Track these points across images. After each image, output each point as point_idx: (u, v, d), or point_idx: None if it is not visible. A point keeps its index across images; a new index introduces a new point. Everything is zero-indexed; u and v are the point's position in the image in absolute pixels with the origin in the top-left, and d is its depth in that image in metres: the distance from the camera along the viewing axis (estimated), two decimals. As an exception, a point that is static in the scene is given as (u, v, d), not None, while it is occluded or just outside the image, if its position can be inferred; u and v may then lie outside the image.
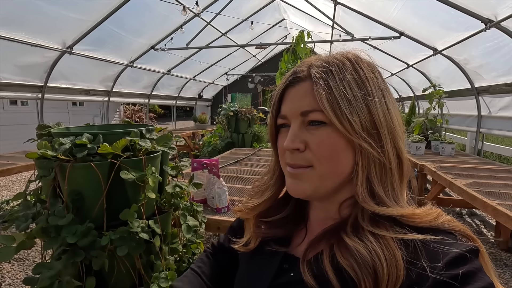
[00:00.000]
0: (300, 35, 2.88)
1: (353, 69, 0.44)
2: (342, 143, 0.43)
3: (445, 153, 3.28)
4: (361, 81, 0.43)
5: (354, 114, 0.42)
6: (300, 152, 0.45)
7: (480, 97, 3.57)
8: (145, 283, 1.00)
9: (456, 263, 0.35)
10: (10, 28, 3.11)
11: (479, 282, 0.34)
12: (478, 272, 0.35)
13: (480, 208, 1.83)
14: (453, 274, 0.34)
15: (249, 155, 3.14)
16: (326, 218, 0.49)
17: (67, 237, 0.84)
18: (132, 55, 4.94)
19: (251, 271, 0.54)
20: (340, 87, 0.42)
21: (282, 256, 0.50)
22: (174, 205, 1.13)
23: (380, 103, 0.44)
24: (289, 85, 0.47)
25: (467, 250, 0.37)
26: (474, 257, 0.37)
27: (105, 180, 0.90)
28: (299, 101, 0.45)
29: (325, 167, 0.43)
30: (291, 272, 0.48)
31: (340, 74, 0.43)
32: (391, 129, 0.44)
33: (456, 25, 3.07)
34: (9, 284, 2.21)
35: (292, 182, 0.47)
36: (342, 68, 0.44)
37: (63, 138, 0.89)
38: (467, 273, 0.34)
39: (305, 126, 0.45)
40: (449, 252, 0.36)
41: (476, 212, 3.58)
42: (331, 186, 0.45)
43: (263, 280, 0.49)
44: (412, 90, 5.74)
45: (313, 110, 0.43)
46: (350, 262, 0.39)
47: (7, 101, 7.02)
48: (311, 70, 0.44)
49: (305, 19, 6.23)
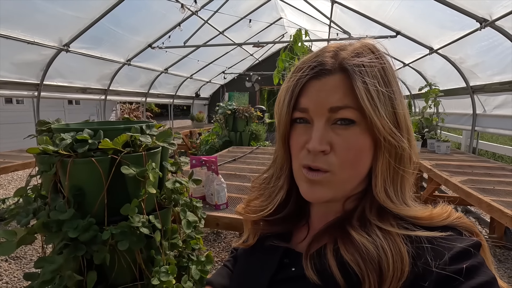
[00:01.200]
0: (297, 34, 2.89)
1: (380, 65, 0.42)
2: (368, 144, 0.41)
3: (440, 151, 3.32)
4: (387, 78, 0.42)
5: (387, 112, 0.40)
6: (324, 155, 0.41)
7: (475, 96, 3.61)
8: (145, 277, 1.01)
9: (460, 258, 0.35)
10: (6, 26, 3.09)
11: (483, 276, 0.34)
12: (481, 266, 0.35)
13: (475, 204, 1.86)
14: (457, 269, 0.34)
15: (247, 153, 3.15)
16: (328, 213, 0.48)
17: (69, 232, 0.84)
18: (129, 53, 4.91)
19: (250, 267, 0.53)
20: (375, 83, 0.40)
21: (283, 251, 0.49)
22: (174, 200, 1.14)
23: (401, 102, 0.42)
24: (314, 77, 0.42)
25: (471, 244, 0.37)
26: (477, 252, 0.37)
27: (106, 175, 0.91)
28: (326, 96, 0.41)
29: (346, 173, 0.42)
30: (293, 267, 0.46)
31: (372, 69, 0.41)
32: (408, 129, 0.43)
33: (452, 24, 3.10)
34: (6, 282, 2.21)
35: (310, 187, 0.43)
36: (372, 63, 0.41)
37: (64, 134, 0.89)
38: (470, 267, 0.34)
39: (330, 124, 0.42)
40: (453, 247, 0.36)
41: (471, 209, 3.62)
42: (350, 189, 0.44)
43: (263, 275, 0.48)
44: (408, 89, 5.79)
45: (344, 107, 0.40)
46: (355, 257, 0.38)
47: (2, 99, 6.96)
48: (344, 63, 0.41)
49: (302, 18, 6.24)
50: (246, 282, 0.52)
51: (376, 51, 0.43)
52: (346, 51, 0.43)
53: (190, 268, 1.15)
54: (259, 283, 0.48)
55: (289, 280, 0.45)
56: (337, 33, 5.03)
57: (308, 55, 0.46)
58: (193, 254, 1.22)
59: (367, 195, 0.44)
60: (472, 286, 0.33)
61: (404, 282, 0.36)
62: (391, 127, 0.40)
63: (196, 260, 1.19)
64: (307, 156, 0.43)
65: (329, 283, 0.39)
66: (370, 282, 0.36)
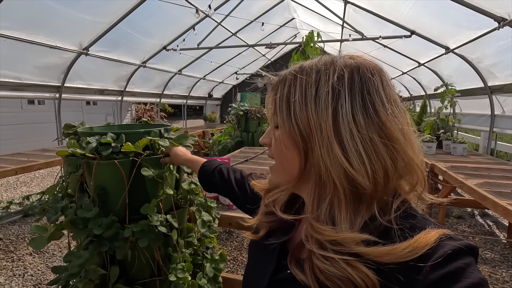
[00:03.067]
0: (309, 36, 2.90)
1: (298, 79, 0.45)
2: (289, 143, 0.45)
3: (456, 152, 3.25)
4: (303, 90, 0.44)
5: (294, 119, 0.44)
6: (270, 147, 0.51)
7: (494, 96, 3.52)
8: (163, 273, 1.07)
9: (446, 261, 0.34)
10: (30, 31, 3.25)
11: (469, 278, 0.33)
12: (468, 267, 0.34)
13: (490, 208, 1.83)
14: (440, 274, 0.33)
15: (259, 153, 3.19)
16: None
17: (94, 229, 0.91)
18: (144, 55, 5.05)
19: (256, 264, 0.56)
20: (282, 96, 0.46)
21: (279, 251, 0.50)
22: (189, 201, 1.19)
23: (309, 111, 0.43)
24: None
25: (456, 247, 0.35)
26: (465, 254, 0.36)
27: (127, 176, 0.97)
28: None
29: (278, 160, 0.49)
30: (288, 269, 0.47)
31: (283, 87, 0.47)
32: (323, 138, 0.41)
33: (468, 23, 3.04)
34: (31, 275, 2.33)
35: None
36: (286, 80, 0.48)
37: (90, 137, 0.96)
38: (455, 271, 0.33)
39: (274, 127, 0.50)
40: (437, 252, 0.35)
41: (488, 212, 3.53)
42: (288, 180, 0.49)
43: (264, 275, 0.51)
44: (424, 89, 5.67)
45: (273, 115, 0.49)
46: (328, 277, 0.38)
47: (25, 100, 7.28)
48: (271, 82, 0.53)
49: (315, 18, 6.22)
50: (251, 279, 0.57)
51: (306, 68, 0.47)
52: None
53: (204, 265, 1.20)
54: (261, 282, 0.51)
55: (285, 282, 0.48)
56: (350, 33, 4.99)
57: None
58: (207, 252, 1.27)
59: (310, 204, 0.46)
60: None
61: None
62: (294, 133, 0.44)
63: (210, 258, 1.24)
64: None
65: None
66: None
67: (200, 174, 0.92)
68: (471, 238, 2.95)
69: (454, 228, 3.18)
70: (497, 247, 2.75)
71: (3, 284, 2.22)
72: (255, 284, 0.53)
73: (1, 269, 2.39)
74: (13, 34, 3.11)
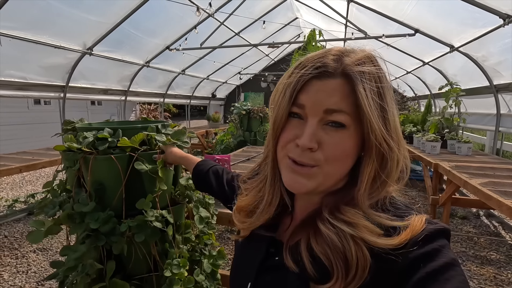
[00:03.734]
0: (311, 34, 2.89)
1: (377, 76, 0.44)
2: (353, 149, 0.44)
3: (461, 152, 3.21)
4: (382, 89, 0.43)
5: (380, 120, 0.42)
6: (311, 152, 0.43)
7: (499, 95, 3.46)
8: (160, 269, 1.07)
9: (423, 243, 0.38)
10: (35, 32, 3.29)
11: (443, 258, 0.37)
12: (442, 249, 0.38)
13: (495, 207, 1.80)
14: (419, 253, 0.37)
15: (261, 153, 3.18)
16: (308, 205, 0.51)
17: (90, 223, 0.91)
18: (148, 55, 5.08)
19: (244, 256, 0.58)
20: (372, 91, 0.42)
21: (269, 241, 0.53)
22: (187, 197, 1.19)
23: (393, 114, 0.44)
24: (315, 77, 0.44)
25: (433, 229, 0.40)
26: (441, 236, 0.40)
27: (124, 171, 0.97)
28: (324, 97, 0.43)
29: (331, 168, 0.44)
30: (276, 256, 0.51)
31: (370, 78, 0.43)
32: (399, 138, 0.45)
33: (473, 21, 3.00)
34: (34, 272, 2.36)
35: (293, 177, 0.46)
36: (371, 72, 0.43)
37: (86, 132, 0.96)
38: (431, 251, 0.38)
39: (322, 124, 0.44)
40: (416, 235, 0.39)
41: (494, 213, 3.48)
42: (330, 184, 0.46)
43: (253, 263, 0.53)
44: (428, 88, 5.62)
45: (339, 111, 0.42)
46: (324, 248, 0.42)
47: (31, 100, 7.38)
48: (347, 68, 0.43)
49: (318, 18, 6.20)
50: (240, 269, 0.57)
51: (376, 63, 0.45)
52: (350, 58, 0.44)
53: (202, 262, 1.20)
54: (250, 270, 0.53)
55: (274, 268, 0.50)
56: (352, 32, 4.96)
57: (312, 53, 0.47)
58: (205, 249, 1.26)
59: (341, 193, 0.47)
60: (434, 268, 0.36)
61: (370, 268, 0.39)
62: (384, 134, 0.42)
63: (208, 254, 1.24)
64: (295, 149, 0.45)
65: (305, 272, 0.43)
66: (338, 270, 0.40)
67: (194, 173, 0.92)
68: (475, 239, 2.90)
69: (458, 229, 3.14)
70: (502, 248, 2.71)
71: (7, 280, 2.25)
72: (244, 272, 0.54)
73: (6, 266, 2.42)
74: (18, 34, 3.16)
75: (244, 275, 0.54)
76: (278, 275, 0.49)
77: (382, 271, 0.39)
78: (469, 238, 2.92)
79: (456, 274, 0.36)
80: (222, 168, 0.88)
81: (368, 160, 0.44)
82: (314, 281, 0.42)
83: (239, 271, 0.57)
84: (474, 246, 2.77)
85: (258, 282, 0.51)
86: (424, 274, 0.36)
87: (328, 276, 0.41)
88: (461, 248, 2.72)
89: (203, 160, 0.95)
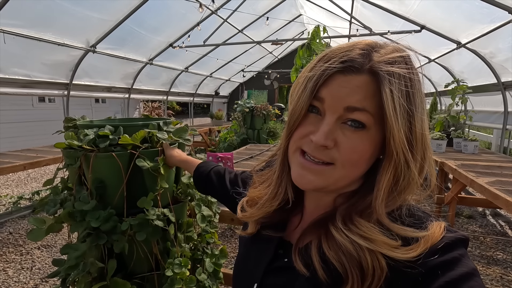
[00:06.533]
0: (315, 30, 2.85)
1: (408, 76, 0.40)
2: (371, 152, 0.41)
3: (467, 150, 3.16)
4: (412, 95, 0.40)
5: (405, 126, 0.39)
6: (325, 149, 0.41)
7: (507, 92, 3.40)
8: (161, 268, 1.06)
9: (442, 251, 0.37)
10: (38, 29, 3.30)
11: (463, 267, 0.36)
12: (462, 258, 0.37)
13: (502, 207, 1.76)
14: (438, 261, 0.36)
15: (264, 151, 3.17)
16: (320, 206, 0.49)
17: (91, 221, 0.90)
18: (151, 53, 5.07)
19: (249, 255, 0.56)
20: (400, 96, 0.39)
21: (278, 242, 0.51)
22: (189, 195, 1.17)
23: (422, 121, 0.41)
24: (340, 71, 0.41)
25: (453, 238, 0.38)
26: (461, 246, 0.38)
27: (125, 169, 0.96)
28: (347, 93, 0.40)
29: (346, 170, 0.42)
30: (285, 258, 0.49)
31: (401, 82, 0.39)
32: (425, 149, 0.41)
33: (481, 16, 2.93)
34: (38, 268, 2.37)
35: (302, 173, 0.44)
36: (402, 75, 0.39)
37: (87, 130, 0.95)
38: (452, 260, 0.36)
39: (340, 123, 0.41)
40: (436, 242, 0.38)
41: (500, 212, 3.43)
42: (342, 186, 0.44)
43: (260, 264, 0.51)
44: (434, 86, 5.53)
45: (361, 109, 0.40)
46: (338, 254, 0.40)
47: (36, 98, 7.44)
48: (376, 66, 0.39)
49: (322, 14, 6.13)
50: (245, 269, 0.55)
51: (410, 64, 0.41)
52: (379, 54, 0.41)
53: (204, 261, 1.19)
54: (256, 270, 0.51)
55: (282, 270, 0.49)
56: (357, 28, 4.90)
57: (339, 45, 0.44)
58: (207, 247, 1.25)
59: (355, 198, 0.45)
60: (453, 277, 0.34)
61: (385, 277, 0.37)
62: (405, 143, 0.39)
63: (210, 253, 1.23)
64: (309, 144, 0.43)
65: (315, 276, 0.41)
66: (354, 278, 0.38)
67: (195, 175, 0.89)
68: (482, 238, 2.86)
69: (464, 228, 3.10)
70: (509, 248, 2.67)
71: (12, 276, 2.26)
72: (249, 272, 0.53)
73: (10, 262, 2.44)
74: (22, 32, 3.16)
75: (250, 276, 0.52)
76: (286, 278, 0.47)
77: (398, 279, 0.38)
78: (475, 237, 2.88)
79: (477, 285, 0.34)
80: (224, 168, 0.86)
81: (387, 166, 0.41)
82: (326, 286, 0.40)
83: (244, 271, 0.56)
84: (480, 245, 2.73)
85: (264, 284, 0.50)
86: (443, 283, 0.35)
87: (340, 282, 0.39)
88: (467, 248, 2.68)
89: (204, 162, 0.92)
